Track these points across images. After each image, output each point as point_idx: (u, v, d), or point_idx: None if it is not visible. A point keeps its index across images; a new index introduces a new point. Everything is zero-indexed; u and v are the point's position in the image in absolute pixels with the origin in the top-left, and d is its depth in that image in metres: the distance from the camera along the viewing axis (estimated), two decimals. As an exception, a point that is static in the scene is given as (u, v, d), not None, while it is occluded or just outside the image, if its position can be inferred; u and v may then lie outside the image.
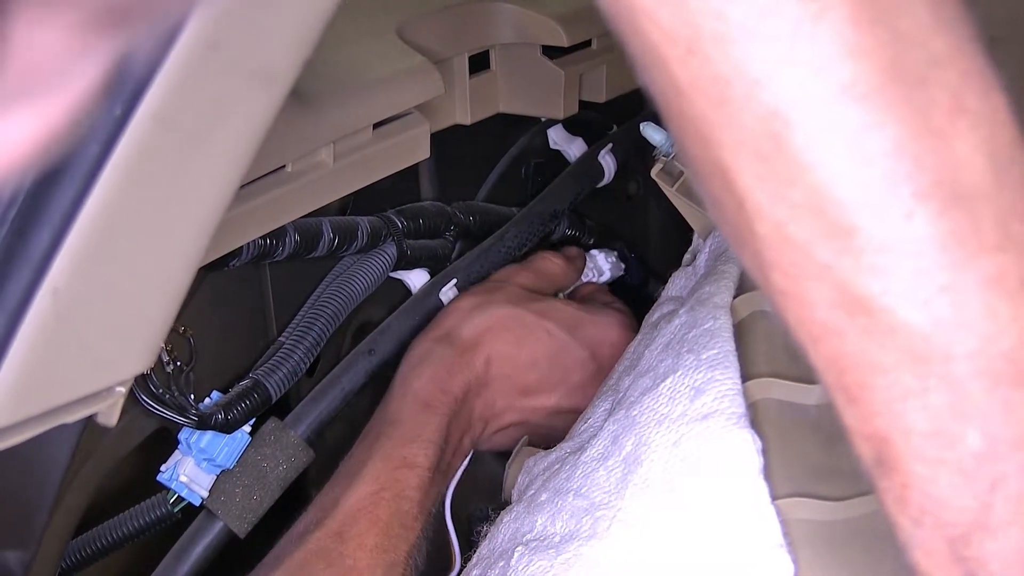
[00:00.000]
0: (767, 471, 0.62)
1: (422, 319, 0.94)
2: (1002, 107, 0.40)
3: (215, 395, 0.81)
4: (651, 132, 0.90)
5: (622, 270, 1.11)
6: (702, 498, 0.62)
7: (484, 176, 1.07)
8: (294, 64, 0.52)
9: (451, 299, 0.95)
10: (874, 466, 0.42)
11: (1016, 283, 0.39)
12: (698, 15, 0.38)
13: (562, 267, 1.03)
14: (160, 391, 0.76)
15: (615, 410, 0.72)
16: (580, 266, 1.06)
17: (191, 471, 0.81)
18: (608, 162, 1.08)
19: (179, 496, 0.81)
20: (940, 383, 0.40)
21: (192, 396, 0.78)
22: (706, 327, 0.70)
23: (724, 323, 0.70)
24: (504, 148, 1.08)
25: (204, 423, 0.78)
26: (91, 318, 0.50)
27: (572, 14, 0.97)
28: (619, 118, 1.11)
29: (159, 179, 0.49)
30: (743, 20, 0.38)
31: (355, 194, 0.85)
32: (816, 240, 0.40)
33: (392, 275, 0.94)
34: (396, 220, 0.93)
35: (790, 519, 0.60)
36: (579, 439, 0.76)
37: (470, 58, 0.95)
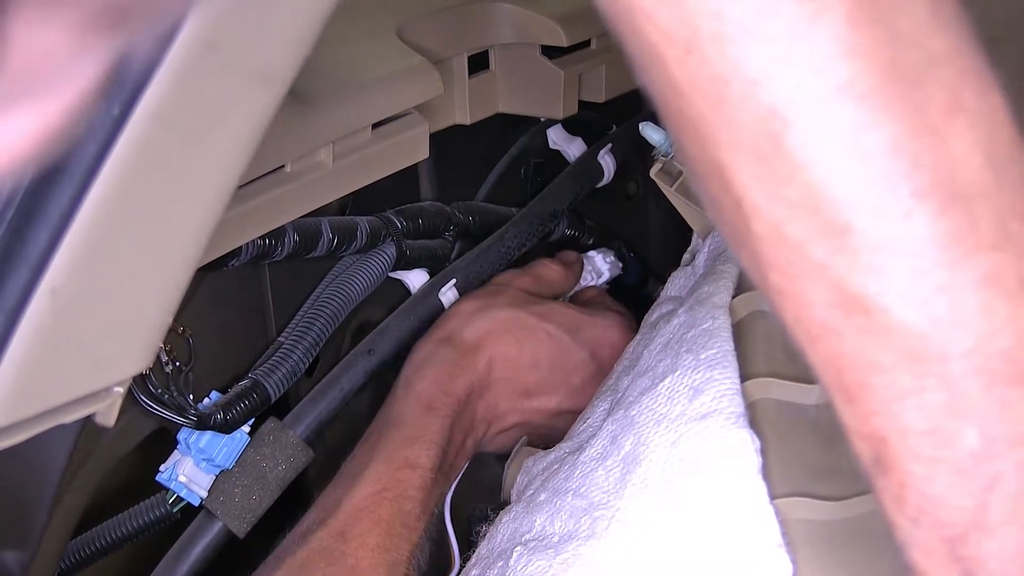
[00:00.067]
0: (766, 471, 0.62)
1: (421, 319, 0.94)
2: (1000, 106, 0.40)
3: (214, 395, 0.81)
4: (650, 132, 0.90)
5: (620, 269, 1.11)
6: (701, 498, 0.62)
7: (483, 176, 1.07)
8: (293, 64, 0.52)
9: (452, 301, 0.95)
10: (872, 465, 0.42)
11: (1014, 282, 0.39)
12: (696, 15, 0.38)
13: (560, 273, 1.03)
14: (159, 391, 0.76)
15: (614, 410, 0.72)
16: (578, 271, 1.06)
17: (190, 471, 0.81)
18: (607, 162, 1.08)
19: (178, 496, 0.81)
20: (937, 382, 0.40)
21: (191, 396, 0.78)
22: (705, 327, 0.69)
23: (723, 323, 0.70)
24: (503, 148, 1.08)
25: (203, 423, 0.78)
26: (89, 318, 0.50)
27: (571, 14, 0.97)
28: (618, 118, 1.11)
29: (157, 179, 0.49)
30: (741, 20, 0.38)
31: (354, 194, 0.85)
32: (813, 239, 0.40)
33: (391, 275, 0.94)
34: (395, 220, 0.93)
35: (789, 519, 0.60)
36: (578, 439, 0.76)
37: (469, 58, 0.95)
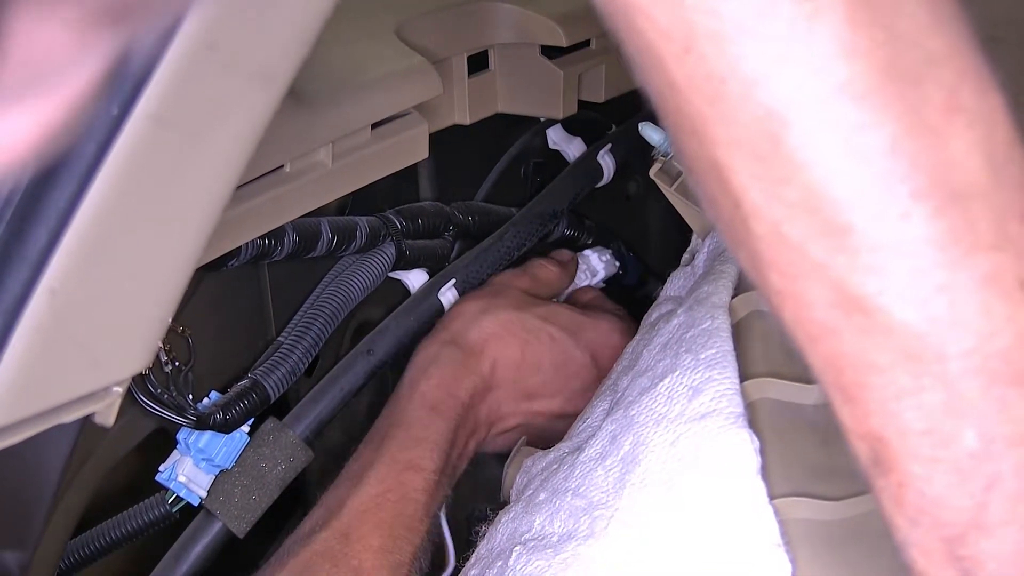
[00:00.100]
0: (765, 470, 0.62)
1: (421, 319, 0.94)
2: (999, 106, 0.40)
3: (214, 395, 0.81)
4: (649, 132, 0.90)
5: (617, 268, 1.11)
6: (700, 498, 0.62)
7: (483, 176, 1.07)
8: (292, 64, 0.52)
9: (451, 301, 0.95)
10: (870, 465, 0.42)
11: (1012, 282, 0.39)
12: (694, 13, 0.38)
13: (557, 273, 1.04)
14: (158, 391, 0.76)
15: (613, 410, 0.72)
16: (573, 270, 1.06)
17: (190, 471, 0.81)
18: (607, 162, 1.08)
19: (177, 496, 0.81)
20: (936, 382, 0.40)
21: (191, 396, 0.78)
22: (704, 327, 0.69)
23: (722, 323, 0.70)
24: (503, 148, 1.08)
25: (202, 423, 0.78)
26: (88, 317, 0.50)
27: (571, 14, 0.97)
28: (618, 118, 1.11)
29: (156, 178, 0.49)
30: (740, 19, 0.38)
31: (354, 194, 0.85)
32: (812, 239, 0.40)
33: (391, 275, 0.94)
34: (395, 220, 0.93)
35: (788, 518, 0.60)
36: (577, 439, 0.76)
37: (469, 58, 0.95)
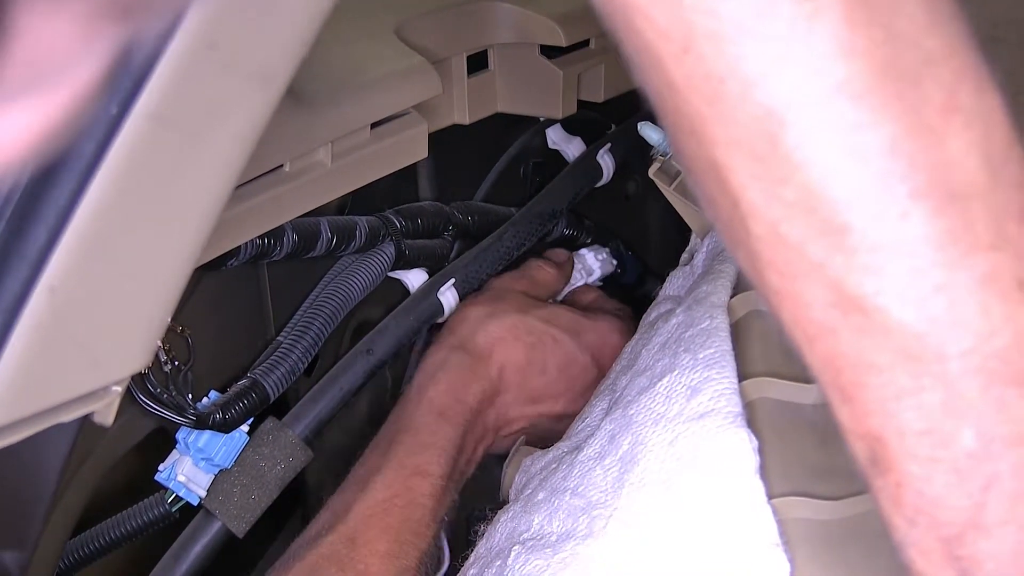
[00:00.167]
0: (763, 470, 0.62)
1: (420, 319, 0.94)
2: (998, 106, 0.40)
3: (213, 394, 0.81)
4: (649, 131, 0.90)
5: (614, 266, 1.11)
6: (698, 497, 0.62)
7: (482, 176, 1.07)
8: (291, 63, 0.52)
9: (451, 301, 0.95)
10: (869, 465, 0.42)
11: (1010, 282, 0.39)
12: (693, 13, 0.38)
13: (553, 275, 1.04)
14: (158, 390, 0.76)
15: (612, 409, 0.72)
16: (569, 270, 1.06)
17: (189, 470, 0.81)
18: (607, 162, 1.08)
19: (177, 496, 0.81)
20: (934, 382, 0.40)
21: (190, 395, 0.78)
22: (703, 326, 0.69)
23: (721, 322, 0.70)
24: (502, 148, 1.08)
25: (202, 422, 0.78)
26: (88, 317, 0.51)
27: (570, 14, 0.97)
28: (617, 118, 1.11)
29: (156, 178, 0.49)
30: (738, 19, 0.38)
31: (353, 194, 0.85)
32: (811, 239, 0.40)
33: (390, 275, 0.94)
34: (394, 220, 0.93)
35: (786, 518, 0.60)
36: (576, 438, 0.76)
37: (468, 58, 0.95)
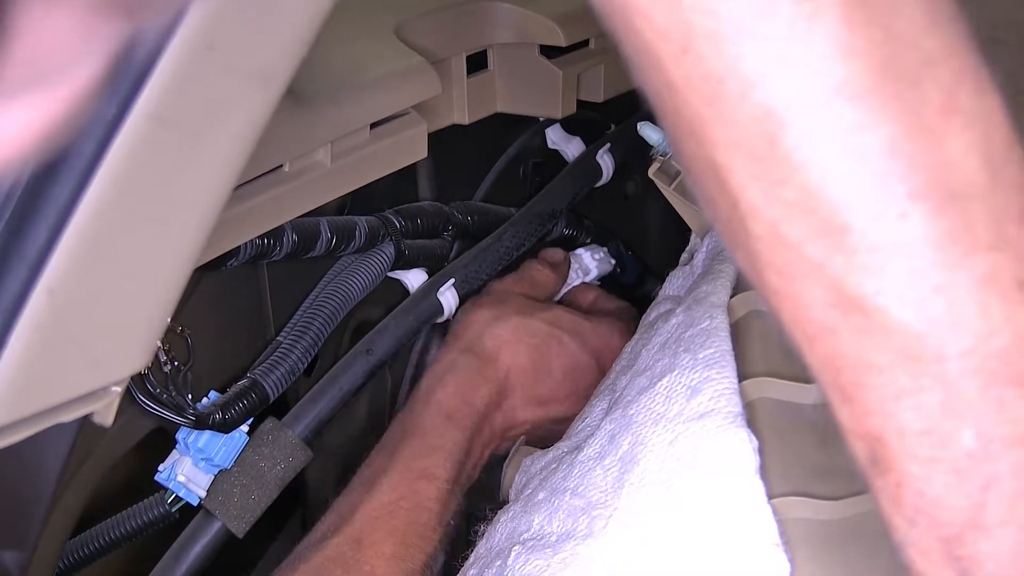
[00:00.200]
0: (763, 470, 0.62)
1: (420, 319, 0.94)
2: (997, 107, 0.40)
3: (213, 394, 0.81)
4: (648, 131, 0.90)
5: (612, 265, 1.11)
6: (698, 497, 0.62)
7: (482, 176, 1.07)
8: (290, 63, 0.52)
9: (451, 301, 0.95)
10: (869, 465, 0.42)
11: (1009, 283, 0.39)
12: (692, 13, 0.38)
13: (551, 276, 1.04)
14: (157, 390, 0.76)
15: (612, 409, 0.72)
16: (565, 271, 1.06)
17: (189, 471, 0.81)
18: (606, 162, 1.08)
19: (177, 496, 0.81)
20: (934, 382, 0.40)
21: (190, 395, 0.78)
22: (703, 326, 0.69)
23: (721, 322, 0.70)
24: (502, 148, 1.08)
25: (202, 422, 0.78)
26: (87, 317, 0.50)
27: (570, 14, 0.97)
28: (617, 118, 1.11)
29: (155, 178, 0.49)
30: (738, 19, 0.38)
31: (353, 194, 0.85)
32: (810, 239, 0.40)
33: (390, 275, 0.94)
34: (394, 220, 0.93)
35: (786, 518, 0.60)
36: (576, 438, 0.76)
37: (468, 58, 0.95)
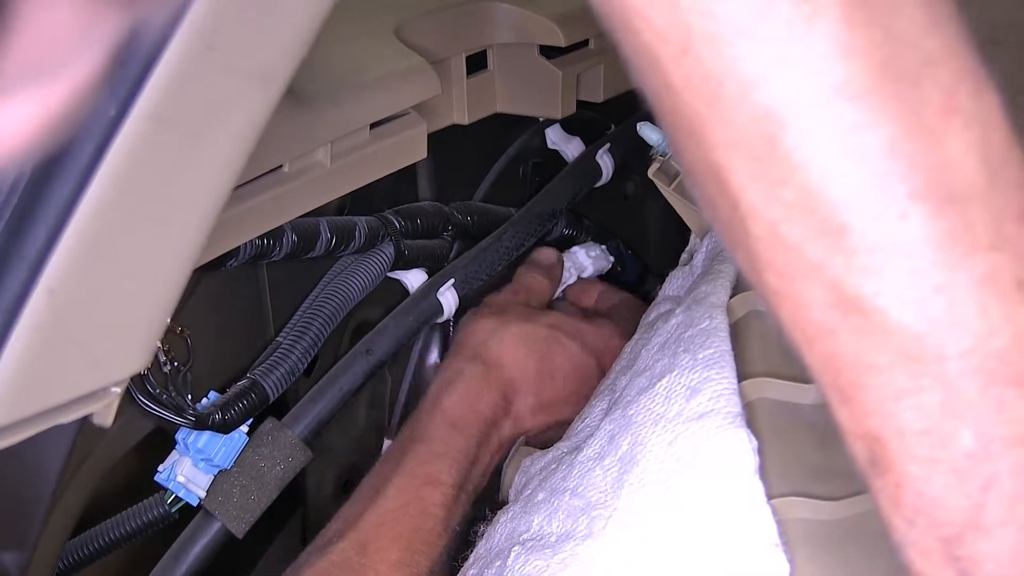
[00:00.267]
0: (763, 470, 0.62)
1: (420, 319, 0.94)
2: (996, 107, 0.40)
3: (212, 395, 0.81)
4: (648, 132, 0.90)
5: (610, 262, 1.11)
6: (698, 497, 0.62)
7: (482, 176, 1.07)
8: (290, 64, 0.52)
9: (450, 301, 0.95)
10: (868, 466, 0.42)
11: (1009, 283, 0.39)
12: (691, 15, 0.38)
13: (545, 282, 1.04)
14: (157, 391, 0.76)
15: (611, 410, 0.72)
16: (558, 273, 1.06)
17: (188, 471, 0.81)
18: (606, 162, 1.08)
19: (176, 496, 0.81)
20: (933, 383, 0.40)
21: (189, 396, 0.78)
22: (702, 327, 0.69)
23: (720, 323, 0.70)
24: (502, 148, 1.08)
25: (201, 423, 0.78)
26: (87, 318, 0.50)
27: (569, 14, 0.97)
28: (617, 118, 1.11)
29: (155, 178, 0.49)
30: (736, 20, 0.38)
31: (352, 194, 0.85)
32: (810, 240, 0.40)
33: (390, 275, 0.94)
34: (394, 220, 0.93)
35: (786, 518, 0.60)
36: (576, 439, 0.76)
37: (468, 58, 0.95)
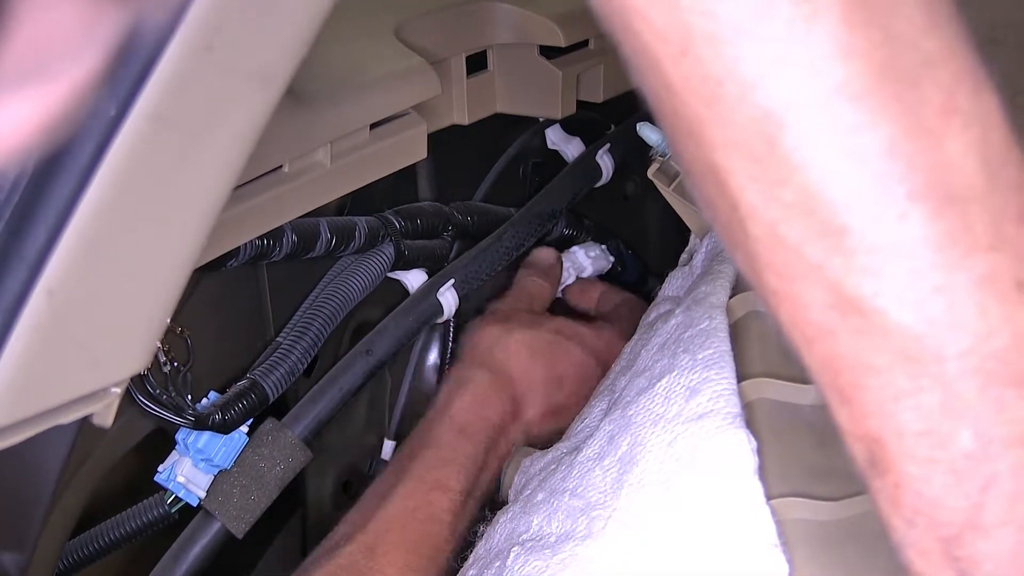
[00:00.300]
0: (762, 471, 0.62)
1: (420, 319, 0.94)
2: (995, 108, 0.40)
3: (212, 395, 0.81)
4: (648, 132, 0.90)
5: (610, 262, 1.11)
6: (697, 498, 0.62)
7: (482, 176, 1.07)
8: (290, 64, 0.52)
9: (450, 302, 0.95)
10: (867, 467, 0.42)
11: (1008, 283, 0.39)
12: (691, 15, 0.38)
13: (544, 286, 1.04)
14: (157, 391, 0.76)
15: (611, 410, 0.72)
16: (557, 274, 1.06)
17: (188, 471, 0.81)
18: (606, 162, 1.08)
19: (176, 496, 0.81)
20: (932, 383, 0.40)
21: (189, 396, 0.78)
22: (702, 327, 0.69)
23: (720, 323, 0.70)
24: (502, 148, 1.08)
25: (201, 423, 0.78)
26: (87, 318, 0.50)
27: (569, 14, 0.97)
28: (617, 118, 1.11)
29: (154, 179, 0.49)
30: (736, 21, 0.38)
31: (353, 194, 0.85)
32: (809, 241, 0.40)
33: (390, 275, 0.94)
34: (394, 220, 0.93)
35: (785, 519, 0.60)
36: (575, 439, 0.76)
37: (467, 58, 0.95)
